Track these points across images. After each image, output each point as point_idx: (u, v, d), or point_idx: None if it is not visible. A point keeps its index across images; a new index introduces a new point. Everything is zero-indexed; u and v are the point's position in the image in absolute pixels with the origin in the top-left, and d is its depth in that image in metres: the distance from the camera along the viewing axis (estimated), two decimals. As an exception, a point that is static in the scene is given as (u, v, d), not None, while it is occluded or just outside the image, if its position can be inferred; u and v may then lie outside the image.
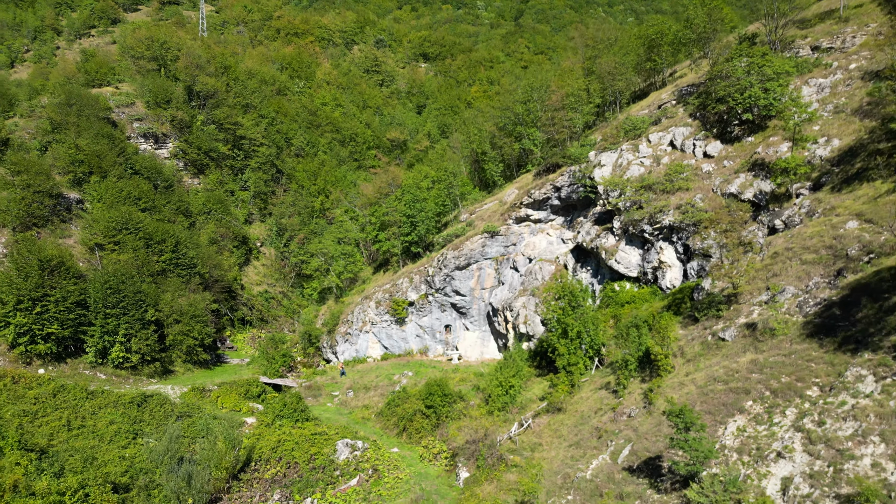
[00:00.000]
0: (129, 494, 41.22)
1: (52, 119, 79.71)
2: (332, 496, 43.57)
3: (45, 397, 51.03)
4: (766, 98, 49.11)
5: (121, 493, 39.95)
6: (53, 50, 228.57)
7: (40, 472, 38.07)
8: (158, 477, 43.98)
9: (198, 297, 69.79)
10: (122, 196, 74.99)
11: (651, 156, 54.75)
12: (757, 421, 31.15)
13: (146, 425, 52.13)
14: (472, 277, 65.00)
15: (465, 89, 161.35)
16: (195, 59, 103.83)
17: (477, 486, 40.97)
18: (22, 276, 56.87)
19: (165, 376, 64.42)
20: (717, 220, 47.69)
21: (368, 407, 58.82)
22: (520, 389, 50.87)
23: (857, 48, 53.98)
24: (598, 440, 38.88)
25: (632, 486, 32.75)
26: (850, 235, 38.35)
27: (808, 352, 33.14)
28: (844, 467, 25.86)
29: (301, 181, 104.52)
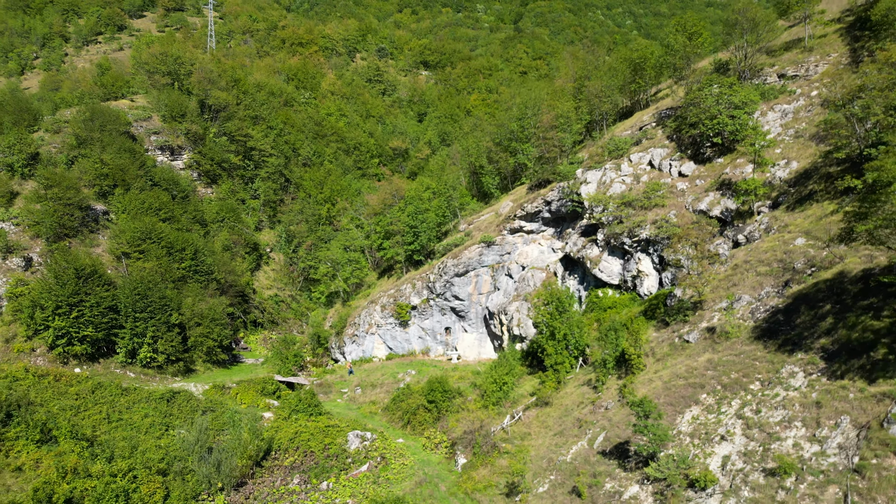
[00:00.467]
0: (167, 478, 47.01)
1: (78, 135, 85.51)
2: (346, 480, 49.39)
3: (85, 393, 56.92)
4: (732, 124, 54.95)
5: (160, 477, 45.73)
6: (62, 57, 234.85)
7: (94, 456, 43.95)
8: (191, 463, 49.74)
9: (216, 302, 75.66)
10: (144, 207, 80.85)
11: (632, 174, 60.60)
12: (708, 410, 37.00)
13: (175, 419, 57.94)
14: (470, 284, 70.84)
15: (465, 97, 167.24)
16: (207, 73, 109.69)
17: (473, 470, 46.84)
18: (60, 284, 62.69)
19: (188, 375, 70.24)
20: (687, 235, 53.52)
21: (375, 402, 64.66)
22: (512, 386, 56.67)
23: (819, 76, 59.83)
24: (579, 429, 44.73)
25: (603, 466, 38.61)
26: (798, 251, 44.20)
27: (754, 352, 38.99)
28: (771, 447, 31.71)
29: (308, 190, 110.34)
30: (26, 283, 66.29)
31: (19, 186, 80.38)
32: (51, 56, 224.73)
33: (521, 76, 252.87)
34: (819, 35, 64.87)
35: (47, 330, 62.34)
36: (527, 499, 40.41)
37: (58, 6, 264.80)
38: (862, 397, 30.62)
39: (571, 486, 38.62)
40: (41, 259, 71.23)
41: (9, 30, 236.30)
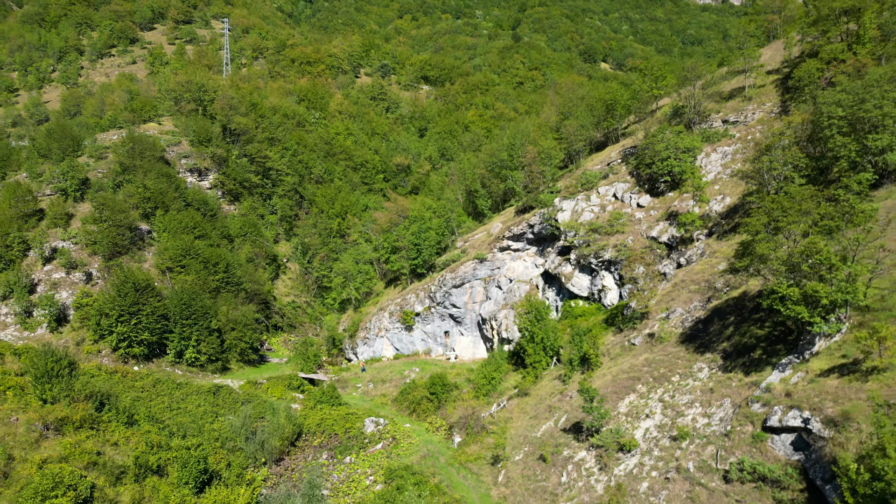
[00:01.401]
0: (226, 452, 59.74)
1: (122, 162, 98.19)
2: (364, 456, 62.21)
3: (148, 387, 69.79)
4: (679, 166, 67.67)
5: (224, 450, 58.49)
6: (78, 70, 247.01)
7: (171, 435, 56.72)
8: (239, 443, 62.55)
9: (246, 309, 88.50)
10: (181, 226, 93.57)
11: (599, 204, 73.39)
12: (641, 396, 49.78)
13: (221, 408, 70.72)
14: (466, 294, 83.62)
15: (463, 113, 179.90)
16: (229, 100, 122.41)
17: (466, 446, 59.65)
18: (121, 296, 75.47)
19: (224, 372, 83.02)
20: (642, 257, 66.29)
21: (385, 395, 77.47)
22: (499, 380, 69.48)
23: (756, 122, 72.60)
24: (549, 413, 57.50)
25: (563, 439, 51.41)
26: (720, 273, 56.93)
27: (678, 353, 51.77)
28: (677, 421, 44.49)
29: (320, 205, 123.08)
30: (90, 295, 79.09)
31: (73, 209, 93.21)
32: (68, 70, 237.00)
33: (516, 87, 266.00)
34: (759, 85, 77.56)
35: (111, 334, 75.20)
36: (506, 465, 53.24)
37: (71, 19, 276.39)
38: (740, 385, 43.42)
39: (539, 454, 51.41)
40: (99, 274, 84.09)
41: (27, 44, 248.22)
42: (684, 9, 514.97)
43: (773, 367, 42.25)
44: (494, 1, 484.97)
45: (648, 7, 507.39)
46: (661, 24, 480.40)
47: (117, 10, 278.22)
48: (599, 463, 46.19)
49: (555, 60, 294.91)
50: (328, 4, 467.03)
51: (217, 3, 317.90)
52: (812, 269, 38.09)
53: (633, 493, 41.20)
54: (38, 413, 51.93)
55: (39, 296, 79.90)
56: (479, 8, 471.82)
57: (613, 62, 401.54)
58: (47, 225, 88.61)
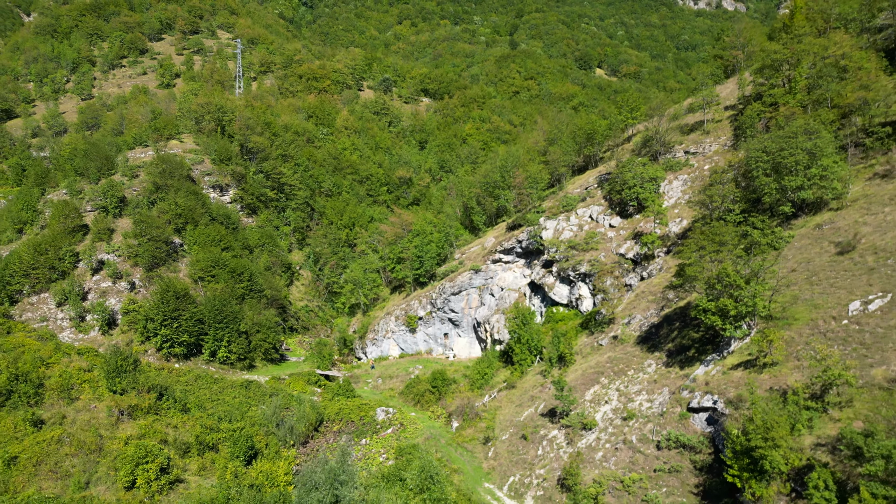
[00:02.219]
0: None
1: (155, 182, 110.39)
2: (377, 438, 74.66)
3: (191, 381, 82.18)
4: (644, 192, 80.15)
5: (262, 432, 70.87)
6: (91, 81, 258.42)
7: (219, 420, 69.14)
8: (270, 428, 74.86)
9: (268, 313, 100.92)
10: (209, 239, 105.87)
11: (577, 224, 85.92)
12: (603, 387, 62.28)
13: (252, 399, 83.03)
14: (463, 300, 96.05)
15: (461, 126, 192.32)
16: (245, 120, 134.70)
17: (462, 430, 72.12)
18: (164, 302, 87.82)
19: (251, 369, 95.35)
20: (611, 271, 78.80)
21: (393, 389, 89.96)
22: (491, 375, 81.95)
23: (712, 154, 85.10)
24: (531, 402, 69.99)
25: (541, 421, 63.93)
26: (672, 286, 69.39)
27: (635, 352, 64.30)
28: (628, 405, 57.00)
29: (330, 217, 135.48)
30: (135, 302, 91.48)
31: (113, 224, 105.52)
32: (82, 82, 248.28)
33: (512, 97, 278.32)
34: (716, 120, 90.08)
35: (156, 336, 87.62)
36: (495, 443, 65.75)
37: (83, 31, 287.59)
38: (676, 377, 55.96)
39: (521, 434, 63.94)
40: (141, 283, 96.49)
41: (42, 56, 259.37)
42: (679, 14, 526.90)
43: (701, 362, 54.85)
44: (492, 6, 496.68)
45: (644, 12, 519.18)
46: (656, 29, 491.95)
47: (127, 22, 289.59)
48: (567, 439, 58.71)
49: (550, 70, 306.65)
50: (329, 10, 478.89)
51: (222, 13, 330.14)
52: (724, 288, 50.65)
53: (589, 459, 53.75)
54: (113, 401, 64.38)
55: (91, 302, 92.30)
56: (477, 14, 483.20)
57: (608, 68, 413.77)
58: (92, 239, 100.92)
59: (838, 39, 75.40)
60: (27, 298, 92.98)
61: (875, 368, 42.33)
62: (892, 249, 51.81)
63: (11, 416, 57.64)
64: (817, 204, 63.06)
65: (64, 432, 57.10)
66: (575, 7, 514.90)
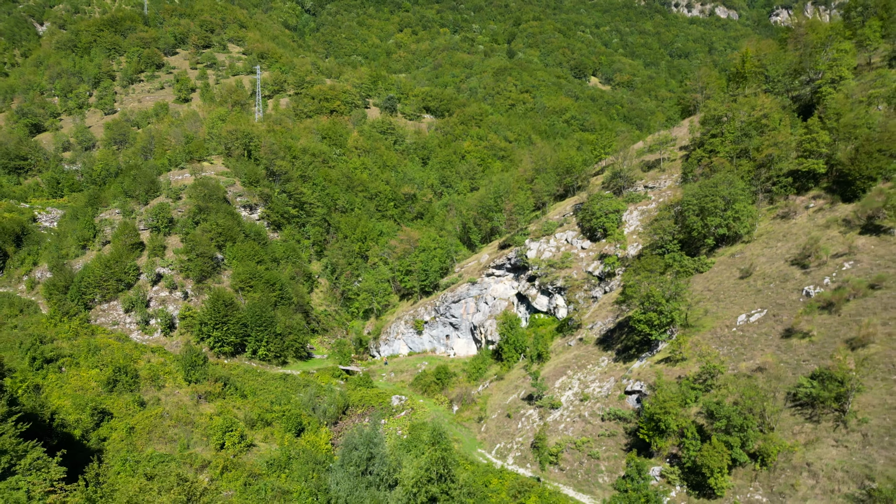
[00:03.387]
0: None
1: (199, 204, 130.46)
2: (393, 419, 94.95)
3: (241, 374, 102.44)
4: (608, 222, 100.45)
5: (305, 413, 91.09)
6: (112, 96, 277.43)
7: (271, 403, 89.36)
8: (307, 411, 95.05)
9: (297, 318, 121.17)
10: (246, 254, 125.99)
11: (555, 246, 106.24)
12: (568, 377, 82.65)
13: (289, 389, 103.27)
14: (462, 307, 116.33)
15: (460, 144, 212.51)
16: (270, 146, 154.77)
17: (461, 412, 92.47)
18: (215, 309, 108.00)
19: (284, 365, 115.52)
20: (581, 285, 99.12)
21: (403, 381, 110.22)
22: (485, 370, 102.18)
23: (666, 189, 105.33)
24: (515, 390, 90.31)
25: (521, 404, 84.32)
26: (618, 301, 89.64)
27: (594, 350, 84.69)
28: (584, 390, 77.41)
29: (345, 231, 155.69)
30: (190, 309, 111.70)
31: (164, 241, 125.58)
32: (104, 97, 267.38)
33: (508, 110, 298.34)
34: (672, 159, 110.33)
35: (209, 337, 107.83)
36: (486, 421, 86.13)
37: (101, 46, 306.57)
38: (620, 369, 76.34)
39: (507, 413, 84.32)
40: (193, 292, 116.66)
41: (65, 72, 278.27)
42: (673, 21, 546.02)
43: (637, 359, 75.26)
44: (490, 14, 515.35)
45: (638, 20, 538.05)
46: (650, 37, 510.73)
47: (143, 37, 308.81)
48: (539, 415, 79.07)
49: (545, 83, 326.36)
50: (331, 18, 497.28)
51: (232, 27, 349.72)
52: (651, 304, 71.01)
53: (554, 429, 74.15)
54: (192, 388, 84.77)
55: (153, 309, 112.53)
56: (476, 22, 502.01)
57: (602, 76, 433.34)
58: (149, 255, 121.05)
59: (762, 101, 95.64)
60: (99, 306, 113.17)
61: (744, 362, 62.73)
62: (774, 276, 72.25)
63: (122, 398, 77.96)
64: (733, 238, 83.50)
65: (163, 410, 77.45)
66: (572, 15, 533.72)
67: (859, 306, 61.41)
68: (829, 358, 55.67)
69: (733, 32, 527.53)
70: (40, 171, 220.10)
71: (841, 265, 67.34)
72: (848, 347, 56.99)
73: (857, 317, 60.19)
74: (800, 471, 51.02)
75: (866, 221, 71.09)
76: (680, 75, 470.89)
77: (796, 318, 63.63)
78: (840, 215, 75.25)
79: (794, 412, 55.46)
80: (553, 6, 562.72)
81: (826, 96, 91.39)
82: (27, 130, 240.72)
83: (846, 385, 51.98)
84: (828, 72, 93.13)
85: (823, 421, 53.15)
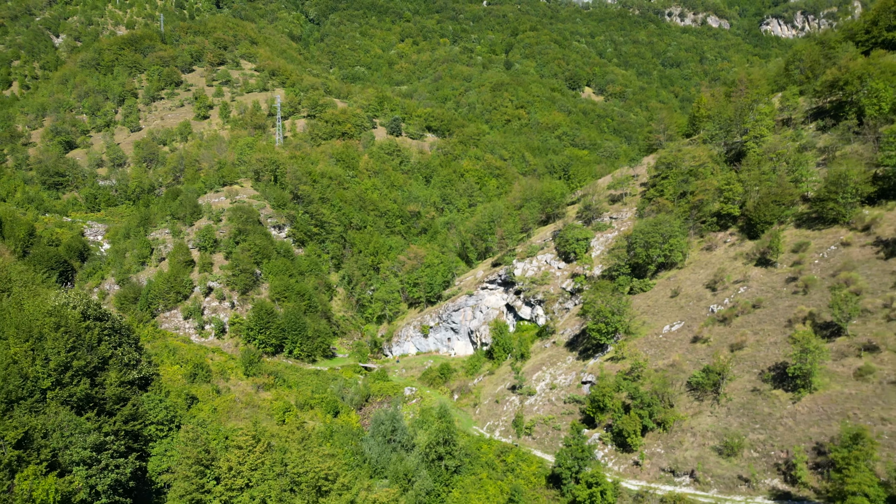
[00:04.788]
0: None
1: (239, 227, 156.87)
2: (407, 406, 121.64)
3: (282, 370, 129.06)
4: (578, 248, 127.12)
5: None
6: (137, 114, 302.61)
7: (312, 392, 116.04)
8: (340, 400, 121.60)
9: (324, 323, 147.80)
10: (280, 270, 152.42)
11: (537, 266, 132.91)
12: (543, 372, 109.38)
13: (322, 382, 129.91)
14: (461, 315, 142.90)
15: (459, 163, 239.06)
16: (294, 172, 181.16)
17: (460, 400, 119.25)
18: (259, 317, 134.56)
19: (314, 363, 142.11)
20: (557, 298, 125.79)
21: (413, 376, 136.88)
22: (479, 367, 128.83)
23: (627, 219, 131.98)
24: (502, 382, 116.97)
25: (506, 393, 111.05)
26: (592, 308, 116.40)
27: (563, 351, 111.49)
28: (553, 381, 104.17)
29: (359, 247, 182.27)
30: (238, 317, 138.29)
31: (211, 259, 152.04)
32: (130, 115, 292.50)
33: (504, 125, 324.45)
34: (633, 194, 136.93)
35: (255, 340, 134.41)
36: (480, 406, 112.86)
37: (123, 64, 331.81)
38: (580, 366, 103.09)
39: (495, 400, 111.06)
40: (238, 302, 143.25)
41: (91, 90, 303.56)
42: (666, 30, 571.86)
43: (593, 358, 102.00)
44: (489, 24, 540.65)
45: (632, 29, 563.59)
46: (643, 46, 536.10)
47: (162, 56, 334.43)
48: (520, 401, 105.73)
49: (539, 98, 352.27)
50: (335, 28, 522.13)
51: (244, 43, 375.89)
52: (600, 317, 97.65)
53: (529, 410, 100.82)
54: (250, 381, 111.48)
55: (207, 316, 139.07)
56: (475, 32, 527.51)
57: (596, 87, 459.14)
58: (199, 270, 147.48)
59: (700, 152, 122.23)
60: (162, 314, 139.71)
61: (661, 360, 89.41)
62: (693, 296, 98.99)
63: (203, 387, 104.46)
64: (670, 265, 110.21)
65: (234, 396, 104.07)
66: (568, 25, 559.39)
67: (743, 320, 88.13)
68: (714, 357, 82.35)
69: (724, 42, 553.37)
70: (77, 187, 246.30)
71: (737, 289, 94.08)
72: (729, 349, 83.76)
73: (739, 328, 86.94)
74: (686, 432, 77.75)
75: (760, 256, 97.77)
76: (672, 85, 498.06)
77: (700, 329, 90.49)
78: (745, 250, 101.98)
79: (688, 394, 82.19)
80: (550, 15, 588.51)
81: (749, 151, 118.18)
82: (61, 148, 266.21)
83: (721, 375, 78.64)
84: (751, 130, 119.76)
85: (705, 400, 79.89)
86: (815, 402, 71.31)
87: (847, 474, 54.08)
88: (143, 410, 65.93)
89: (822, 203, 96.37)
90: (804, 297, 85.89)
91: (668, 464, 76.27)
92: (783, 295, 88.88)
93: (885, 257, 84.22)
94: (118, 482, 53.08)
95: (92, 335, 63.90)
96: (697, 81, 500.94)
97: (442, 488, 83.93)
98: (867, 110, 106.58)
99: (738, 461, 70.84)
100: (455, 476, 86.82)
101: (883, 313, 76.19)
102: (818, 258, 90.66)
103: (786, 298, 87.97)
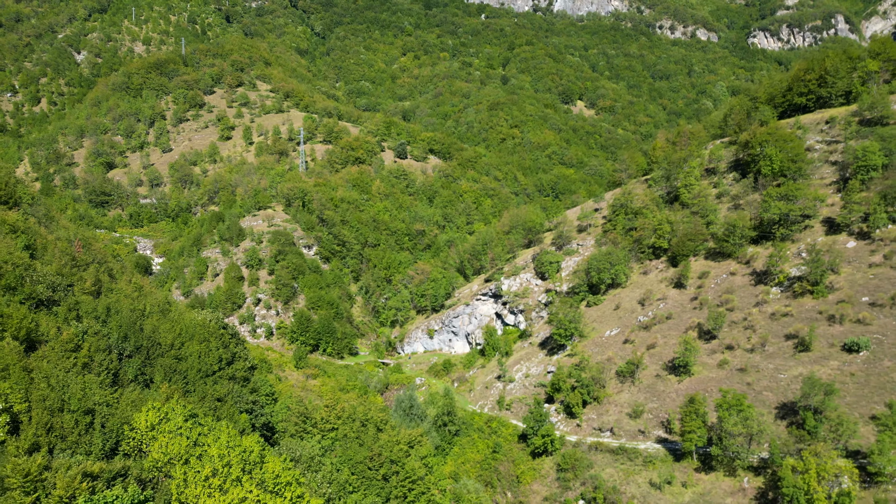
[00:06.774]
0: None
1: (279, 248, 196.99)
2: (418, 392, 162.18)
3: (321, 363, 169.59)
4: (551, 269, 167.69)
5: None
6: (167, 135, 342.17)
7: (347, 380, 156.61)
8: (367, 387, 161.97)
9: (347, 327, 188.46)
10: (313, 284, 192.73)
11: (520, 283, 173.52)
12: (521, 365, 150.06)
13: (352, 373, 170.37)
14: (460, 321, 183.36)
15: (459, 185, 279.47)
16: (320, 199, 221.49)
17: (459, 387, 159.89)
18: (300, 323, 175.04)
19: (342, 359, 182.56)
20: (534, 308, 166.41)
21: (421, 370, 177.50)
22: (474, 362, 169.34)
23: (590, 246, 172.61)
24: (491, 373, 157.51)
25: (494, 381, 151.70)
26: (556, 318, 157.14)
27: (537, 350, 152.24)
28: (528, 372, 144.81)
29: (374, 262, 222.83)
30: (283, 323, 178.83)
31: (256, 275, 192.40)
32: (161, 137, 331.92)
33: (500, 143, 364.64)
34: (596, 225, 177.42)
35: (297, 341, 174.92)
36: (474, 391, 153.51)
37: (150, 87, 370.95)
38: (547, 361, 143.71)
39: (485, 386, 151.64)
40: (282, 311, 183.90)
41: (125, 114, 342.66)
42: (657, 43, 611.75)
43: (556, 354, 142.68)
44: (487, 38, 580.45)
45: (624, 42, 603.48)
46: (634, 59, 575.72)
47: (186, 80, 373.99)
48: (503, 386, 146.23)
49: (532, 117, 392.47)
50: (340, 43, 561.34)
51: (258, 64, 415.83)
52: (560, 324, 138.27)
53: (510, 393, 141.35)
54: (300, 372, 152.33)
55: (258, 322, 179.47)
56: (473, 45, 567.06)
57: (588, 101, 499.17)
58: (248, 285, 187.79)
59: (645, 195, 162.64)
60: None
61: (600, 356, 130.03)
62: (629, 309, 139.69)
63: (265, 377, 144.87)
64: (617, 285, 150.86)
65: (292, 383, 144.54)
66: (562, 38, 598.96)
67: (658, 328, 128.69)
68: (634, 353, 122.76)
69: (712, 55, 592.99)
70: (122, 206, 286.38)
71: (658, 305, 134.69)
72: (646, 348, 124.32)
73: (655, 333, 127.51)
74: (612, 404, 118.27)
75: (677, 280, 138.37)
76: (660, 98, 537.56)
77: (629, 333, 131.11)
78: (669, 276, 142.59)
79: (616, 379, 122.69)
80: (546, 28, 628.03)
81: (682, 195, 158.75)
82: (104, 168, 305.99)
83: (637, 366, 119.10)
84: (682, 179, 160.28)
85: (625, 383, 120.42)
86: (691, 383, 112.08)
87: (686, 422, 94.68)
88: (258, 386, 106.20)
89: (721, 241, 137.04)
90: (699, 311, 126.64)
91: (598, 424, 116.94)
92: (687, 310, 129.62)
93: (754, 284, 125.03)
94: (265, 424, 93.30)
95: (225, 337, 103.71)
96: (685, 94, 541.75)
97: (446, 445, 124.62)
98: (763, 169, 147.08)
99: (640, 421, 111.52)
100: (455, 437, 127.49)
101: (742, 324, 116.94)
102: (714, 283, 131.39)
103: (688, 312, 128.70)
